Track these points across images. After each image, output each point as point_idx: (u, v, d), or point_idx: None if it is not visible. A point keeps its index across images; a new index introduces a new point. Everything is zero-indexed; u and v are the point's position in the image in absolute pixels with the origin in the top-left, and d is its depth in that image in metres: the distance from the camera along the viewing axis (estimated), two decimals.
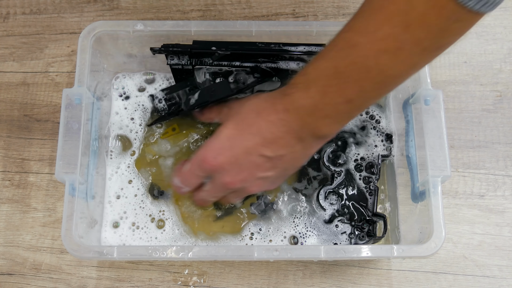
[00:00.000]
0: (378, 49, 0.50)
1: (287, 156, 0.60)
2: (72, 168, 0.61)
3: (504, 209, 0.73)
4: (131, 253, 0.59)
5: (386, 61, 0.51)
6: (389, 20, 0.49)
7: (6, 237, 0.72)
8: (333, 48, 0.53)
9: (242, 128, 0.60)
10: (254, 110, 0.60)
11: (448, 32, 0.49)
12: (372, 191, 0.71)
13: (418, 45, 0.49)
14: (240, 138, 0.59)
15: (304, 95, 0.56)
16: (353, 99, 0.54)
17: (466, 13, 0.47)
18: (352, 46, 0.51)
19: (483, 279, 0.70)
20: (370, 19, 0.51)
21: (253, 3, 0.81)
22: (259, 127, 0.59)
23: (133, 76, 0.75)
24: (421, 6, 0.47)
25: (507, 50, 0.79)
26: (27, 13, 0.81)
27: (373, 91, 0.54)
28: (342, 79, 0.53)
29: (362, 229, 0.69)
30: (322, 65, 0.54)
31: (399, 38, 0.49)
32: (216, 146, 0.60)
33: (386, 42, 0.50)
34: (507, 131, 0.76)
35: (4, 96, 0.77)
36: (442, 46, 0.51)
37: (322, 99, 0.55)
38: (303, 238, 0.69)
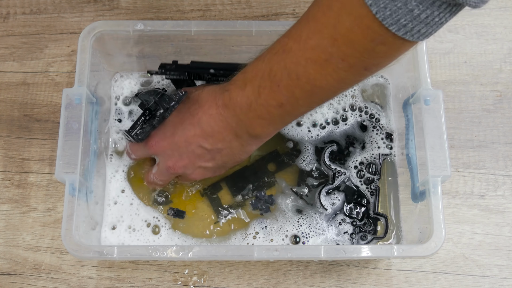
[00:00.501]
0: (308, 57, 0.51)
1: (225, 150, 0.62)
2: (72, 168, 0.61)
3: (504, 209, 0.73)
4: (131, 253, 0.59)
5: (314, 71, 0.51)
6: (319, 31, 0.50)
7: (6, 237, 0.72)
8: (271, 51, 0.55)
9: (184, 117, 0.62)
10: (198, 101, 0.62)
11: (374, 54, 0.49)
12: (373, 190, 0.71)
13: (344, 61, 0.50)
14: (181, 127, 0.62)
15: (240, 93, 0.58)
16: (284, 104, 0.55)
17: (392, 37, 0.47)
18: (286, 51, 0.53)
19: (483, 279, 0.70)
20: (304, 28, 0.52)
21: (253, 3, 0.81)
22: (199, 118, 0.61)
23: (133, 76, 0.75)
24: (348, 23, 0.47)
25: (507, 50, 0.79)
26: (27, 13, 0.81)
27: (302, 99, 0.55)
28: (274, 82, 0.54)
29: (364, 228, 0.69)
30: (259, 66, 0.56)
31: (326, 50, 0.50)
32: (161, 131, 0.64)
33: (315, 52, 0.50)
34: (507, 131, 0.76)
35: (4, 96, 0.77)
36: (370, 67, 0.51)
37: (256, 99, 0.56)
38: (305, 238, 0.69)
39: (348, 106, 0.74)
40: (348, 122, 0.73)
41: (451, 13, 0.46)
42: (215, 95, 0.61)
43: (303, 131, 0.73)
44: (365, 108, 0.74)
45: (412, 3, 0.44)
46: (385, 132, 0.73)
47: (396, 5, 0.44)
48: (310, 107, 0.58)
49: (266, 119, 0.58)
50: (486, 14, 0.81)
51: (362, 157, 0.72)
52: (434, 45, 0.79)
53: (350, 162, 0.72)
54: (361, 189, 0.71)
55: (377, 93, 0.75)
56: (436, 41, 0.79)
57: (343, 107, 0.74)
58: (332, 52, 0.49)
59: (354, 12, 0.46)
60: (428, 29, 0.46)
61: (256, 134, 0.60)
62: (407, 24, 0.45)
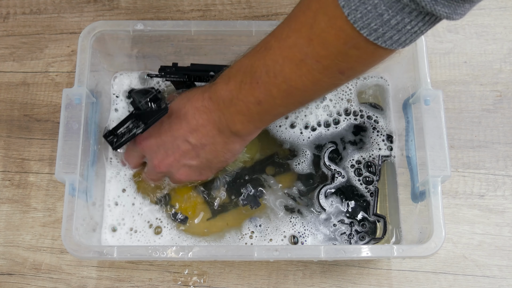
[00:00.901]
0: (285, 56, 0.51)
1: (208, 146, 0.62)
2: (72, 168, 0.61)
3: (504, 209, 0.73)
4: (131, 253, 0.59)
5: (290, 70, 0.52)
6: (297, 30, 0.50)
7: (6, 237, 0.72)
8: (255, 48, 0.56)
9: (172, 113, 0.63)
10: (187, 96, 0.63)
11: (347, 57, 0.48)
12: (373, 191, 0.71)
13: (318, 62, 0.49)
14: (168, 122, 0.63)
15: (224, 87, 0.58)
16: (262, 102, 0.56)
17: (364, 42, 0.46)
18: (267, 49, 0.53)
19: (483, 279, 0.70)
20: (285, 26, 0.52)
21: (253, 3, 0.81)
22: (186, 112, 0.62)
23: (133, 76, 0.75)
24: (323, 23, 0.47)
25: (507, 50, 0.79)
26: (27, 13, 0.81)
27: (279, 98, 0.55)
28: (254, 78, 0.55)
29: (362, 229, 0.69)
30: (243, 62, 0.57)
31: (302, 50, 0.49)
32: (151, 130, 0.64)
33: (291, 51, 0.50)
34: (507, 131, 0.76)
35: (4, 96, 0.77)
36: (345, 71, 0.50)
37: (237, 95, 0.57)
38: (302, 238, 0.69)
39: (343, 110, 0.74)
40: (347, 124, 0.73)
41: (425, 23, 0.45)
42: (203, 89, 0.62)
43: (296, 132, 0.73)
44: (362, 111, 0.74)
45: (382, 7, 0.43)
46: (385, 132, 0.73)
47: (366, 8, 0.44)
48: (288, 108, 0.58)
49: (246, 115, 0.58)
50: (486, 14, 0.81)
51: (360, 157, 0.72)
52: (434, 45, 0.79)
53: (350, 163, 0.72)
54: (360, 190, 0.71)
55: (377, 94, 0.75)
56: (436, 41, 0.79)
57: (344, 108, 0.74)
58: (307, 52, 0.49)
59: (329, 12, 0.46)
60: (401, 36, 0.45)
61: (236, 131, 0.60)
62: (378, 29, 0.45)
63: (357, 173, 0.71)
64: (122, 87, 0.75)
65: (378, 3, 0.43)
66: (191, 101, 0.62)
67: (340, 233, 0.69)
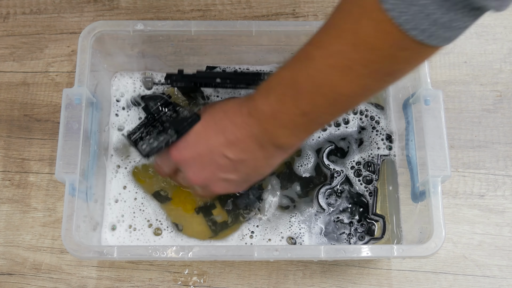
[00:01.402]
0: (329, 64, 0.50)
1: (248, 161, 0.60)
2: (72, 168, 0.61)
3: (504, 209, 0.73)
4: (131, 253, 0.59)
5: (336, 78, 0.51)
6: (340, 37, 0.49)
7: (6, 237, 0.72)
8: (295, 58, 0.54)
9: (208, 125, 0.61)
10: (223, 109, 0.61)
11: (396, 60, 0.48)
12: (372, 191, 0.71)
13: (366, 67, 0.49)
14: (205, 135, 0.61)
15: (264, 101, 0.56)
16: (307, 113, 0.54)
17: (412, 43, 0.46)
18: (309, 59, 0.52)
19: (483, 279, 0.70)
20: (326, 34, 0.51)
21: (253, 3, 0.81)
22: (223, 126, 0.59)
23: (133, 76, 0.75)
24: (368, 28, 0.46)
25: (507, 50, 0.79)
26: (27, 13, 0.81)
27: (326, 107, 0.54)
28: (297, 90, 0.53)
29: (361, 229, 0.69)
30: (282, 74, 0.55)
31: (348, 56, 0.49)
32: (183, 141, 0.61)
33: (336, 59, 0.50)
34: (507, 131, 0.76)
35: (4, 96, 0.77)
36: (394, 73, 0.50)
37: (280, 108, 0.55)
38: (301, 238, 0.69)
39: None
40: (349, 125, 0.73)
41: (475, 17, 0.45)
42: (240, 104, 0.59)
43: None
44: (368, 110, 0.74)
45: (431, 7, 0.43)
46: (385, 132, 0.73)
47: (414, 9, 0.43)
48: (334, 115, 0.57)
49: (290, 128, 0.56)
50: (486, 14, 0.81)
51: (360, 157, 0.72)
52: None
53: (348, 162, 0.72)
54: (359, 189, 0.71)
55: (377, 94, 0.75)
56: None
57: None
58: (354, 58, 0.48)
59: (374, 17, 0.45)
60: (450, 33, 0.45)
61: (280, 144, 0.59)
62: (427, 29, 0.44)
63: (357, 173, 0.71)
64: (122, 87, 0.75)
65: (427, 4, 0.43)
66: (228, 115, 0.59)
67: (339, 233, 0.69)
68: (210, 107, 0.63)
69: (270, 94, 0.56)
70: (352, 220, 0.70)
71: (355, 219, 0.70)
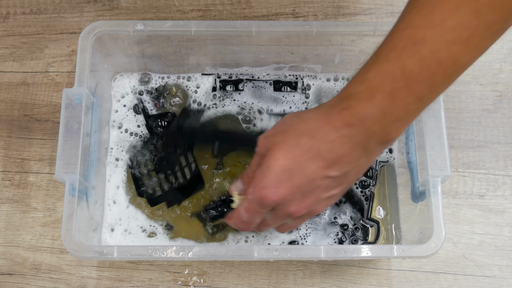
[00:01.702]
0: (449, 40, 0.49)
1: (352, 170, 0.56)
2: (72, 168, 0.61)
3: (504, 209, 0.73)
4: (131, 253, 0.59)
5: (458, 51, 0.49)
6: (456, 9, 0.48)
7: (6, 237, 0.72)
8: (394, 48, 0.51)
9: (297, 155, 0.55)
10: (306, 133, 0.55)
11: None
12: (368, 196, 0.71)
13: (489, 29, 0.49)
14: (298, 167, 0.55)
15: (369, 104, 0.52)
16: (423, 96, 0.52)
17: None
18: (418, 42, 0.49)
19: (483, 279, 0.70)
20: (434, 12, 0.49)
21: (253, 3, 0.81)
22: (318, 150, 0.54)
23: (132, 76, 0.75)
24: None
25: (507, 50, 0.79)
26: (27, 13, 0.81)
27: (443, 83, 0.52)
28: (410, 78, 0.50)
29: (355, 233, 0.69)
30: (385, 69, 0.51)
31: (470, 25, 0.48)
32: (273, 180, 0.55)
33: (457, 32, 0.48)
34: (507, 131, 0.76)
35: (4, 96, 0.77)
36: (509, 27, 0.50)
37: (391, 104, 0.51)
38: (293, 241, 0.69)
39: None
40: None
41: None
42: (327, 119, 0.54)
43: None
44: None
45: None
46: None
47: None
48: (446, 88, 0.54)
49: (403, 119, 0.53)
50: None
51: None
52: None
53: None
54: (355, 193, 0.71)
55: None
56: None
57: None
58: (476, 25, 0.48)
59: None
60: None
61: (389, 140, 0.55)
62: None
63: None
64: (122, 87, 0.75)
65: None
66: (317, 137, 0.54)
67: (333, 235, 0.69)
68: (279, 140, 0.56)
69: (375, 95, 0.52)
70: (347, 223, 0.70)
71: (349, 223, 0.70)
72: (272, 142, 0.56)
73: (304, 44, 0.70)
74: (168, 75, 0.75)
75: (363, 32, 0.68)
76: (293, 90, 0.75)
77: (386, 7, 0.81)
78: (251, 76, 0.75)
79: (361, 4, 0.81)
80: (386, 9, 0.81)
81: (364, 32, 0.68)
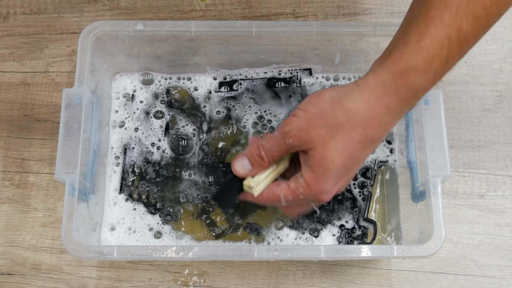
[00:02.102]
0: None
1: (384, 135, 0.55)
2: (72, 168, 0.61)
3: (504, 209, 0.73)
4: (131, 253, 0.59)
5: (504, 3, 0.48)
6: None
7: (6, 237, 0.72)
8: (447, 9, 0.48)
9: (352, 151, 0.52)
10: (359, 124, 0.51)
11: None
12: (365, 196, 0.71)
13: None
14: (353, 161, 0.53)
15: (425, 75, 0.49)
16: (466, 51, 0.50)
17: None
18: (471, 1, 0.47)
19: (483, 279, 0.70)
20: None
21: (253, 3, 0.81)
22: (372, 138, 0.52)
23: (133, 76, 0.75)
24: None
25: (507, 50, 0.79)
26: (27, 13, 0.81)
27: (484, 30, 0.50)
28: (463, 39, 0.48)
29: (352, 234, 0.69)
30: (441, 33, 0.48)
31: None
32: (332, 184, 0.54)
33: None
34: (507, 131, 0.76)
35: (4, 96, 0.77)
36: None
37: (443, 69, 0.50)
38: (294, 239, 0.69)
39: None
40: None
41: None
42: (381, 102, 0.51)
43: None
44: None
45: None
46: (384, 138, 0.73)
47: None
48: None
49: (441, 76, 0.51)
50: None
51: None
52: None
53: None
54: (353, 194, 0.71)
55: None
56: None
57: None
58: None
59: None
60: None
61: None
62: None
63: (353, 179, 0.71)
64: (122, 87, 0.75)
65: None
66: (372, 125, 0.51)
67: (330, 235, 0.69)
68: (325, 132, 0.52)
69: (433, 63, 0.49)
70: (343, 224, 0.70)
71: (346, 223, 0.70)
72: (316, 138, 0.52)
73: (304, 44, 0.70)
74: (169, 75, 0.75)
75: (363, 32, 0.68)
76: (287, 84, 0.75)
77: (386, 7, 0.81)
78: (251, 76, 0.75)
79: (361, 4, 0.81)
80: (386, 9, 0.81)
81: (364, 32, 0.68)
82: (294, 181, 0.55)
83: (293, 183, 0.55)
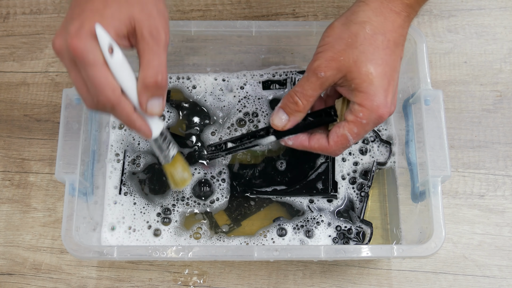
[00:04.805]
0: None
1: None
2: (72, 168, 0.61)
3: (504, 209, 0.73)
4: (131, 253, 0.59)
5: None
6: None
7: (6, 237, 0.72)
8: None
9: (382, 56, 0.54)
10: (377, 31, 0.55)
11: None
12: (363, 197, 0.71)
13: None
14: (389, 67, 0.55)
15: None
16: None
17: None
18: None
19: (483, 279, 0.70)
20: None
21: (253, 3, 0.81)
22: (394, 40, 0.55)
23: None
24: None
25: (507, 50, 0.79)
26: (27, 13, 0.81)
27: None
28: None
29: (348, 234, 0.69)
30: None
31: None
32: (382, 95, 0.55)
33: None
34: (507, 131, 0.76)
35: (4, 96, 0.77)
36: None
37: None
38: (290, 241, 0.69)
39: None
40: None
41: None
42: (387, 7, 0.55)
43: None
44: None
45: None
46: (385, 134, 0.73)
47: None
48: None
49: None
50: (486, 14, 0.81)
51: (355, 162, 0.72)
52: (434, 45, 0.79)
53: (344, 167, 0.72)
54: (351, 194, 0.71)
55: None
56: (436, 41, 0.79)
57: None
58: None
59: None
60: None
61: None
62: None
63: (351, 181, 0.71)
64: None
65: None
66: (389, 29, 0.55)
67: (326, 235, 0.69)
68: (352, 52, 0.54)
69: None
70: (339, 225, 0.70)
71: (342, 224, 0.70)
72: (346, 60, 0.54)
73: (304, 44, 0.70)
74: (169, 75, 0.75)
75: None
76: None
77: None
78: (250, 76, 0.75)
79: None
80: None
81: None
82: (349, 113, 0.56)
83: (349, 114, 0.56)
